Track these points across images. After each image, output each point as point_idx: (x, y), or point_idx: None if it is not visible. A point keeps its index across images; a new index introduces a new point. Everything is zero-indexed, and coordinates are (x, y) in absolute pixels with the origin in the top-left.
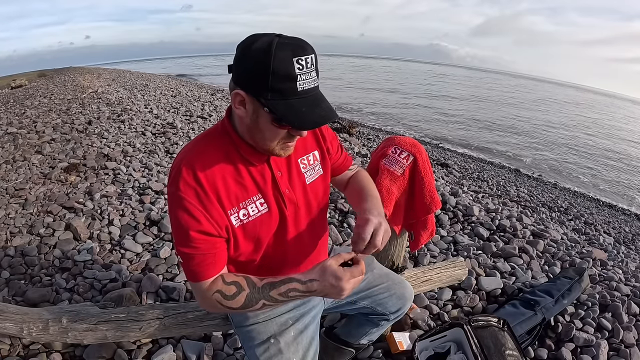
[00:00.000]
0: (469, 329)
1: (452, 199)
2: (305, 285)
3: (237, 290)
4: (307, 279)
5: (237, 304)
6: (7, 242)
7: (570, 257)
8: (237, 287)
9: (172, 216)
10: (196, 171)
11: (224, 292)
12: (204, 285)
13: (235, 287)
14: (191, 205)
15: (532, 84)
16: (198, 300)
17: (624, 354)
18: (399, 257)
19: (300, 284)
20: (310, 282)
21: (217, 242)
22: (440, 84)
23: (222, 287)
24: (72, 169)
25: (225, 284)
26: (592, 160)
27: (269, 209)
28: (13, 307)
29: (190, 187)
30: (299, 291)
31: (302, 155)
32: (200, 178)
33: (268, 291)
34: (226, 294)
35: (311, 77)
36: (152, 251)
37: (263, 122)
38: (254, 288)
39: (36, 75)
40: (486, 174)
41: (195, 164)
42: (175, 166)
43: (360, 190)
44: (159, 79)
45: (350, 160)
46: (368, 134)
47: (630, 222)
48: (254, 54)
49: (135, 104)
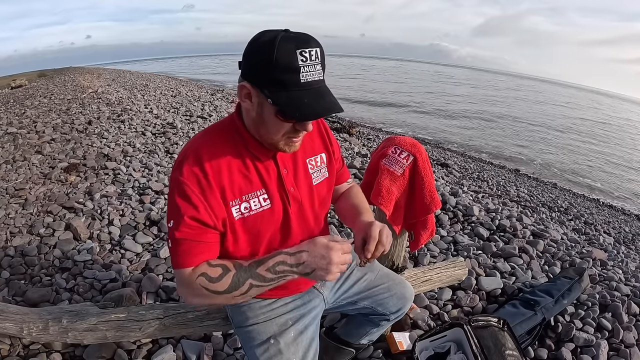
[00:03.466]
0: (469, 329)
1: (452, 199)
2: (293, 256)
3: (222, 271)
4: (295, 250)
5: (222, 286)
6: (7, 242)
7: (570, 257)
8: (223, 268)
9: (171, 200)
10: (202, 160)
11: (208, 274)
12: (188, 271)
13: (221, 268)
14: (191, 191)
15: (554, 86)
16: (180, 290)
17: (624, 354)
18: (399, 257)
19: (288, 256)
20: (299, 252)
21: (211, 233)
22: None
23: (206, 270)
24: (72, 169)
25: (211, 266)
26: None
27: (272, 205)
28: (13, 307)
29: (193, 175)
30: (287, 264)
31: (310, 156)
32: (206, 167)
33: (255, 268)
34: (211, 276)
35: (315, 70)
36: (152, 251)
37: (267, 115)
38: (241, 268)
39: (36, 75)
40: (486, 174)
41: (203, 153)
42: (183, 153)
43: (355, 206)
44: (159, 79)
45: (348, 173)
46: (368, 134)
47: (630, 222)
48: (259, 47)
49: (135, 104)
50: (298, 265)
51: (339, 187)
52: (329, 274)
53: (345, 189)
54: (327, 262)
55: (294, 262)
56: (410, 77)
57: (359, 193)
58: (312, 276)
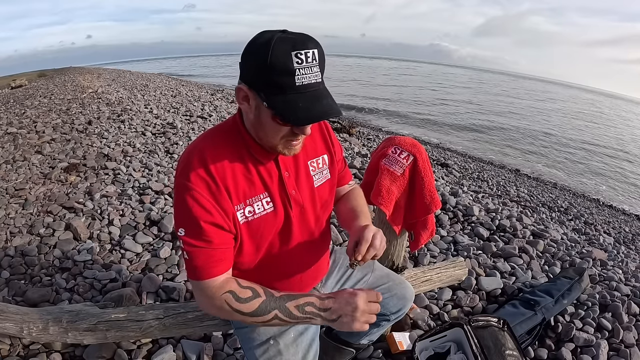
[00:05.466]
0: (469, 329)
1: (452, 199)
2: (322, 301)
3: (252, 295)
4: (324, 296)
5: (249, 308)
6: (7, 242)
7: (570, 257)
8: (253, 292)
9: (181, 207)
10: (207, 163)
11: (237, 294)
12: (213, 283)
13: (251, 291)
14: (202, 197)
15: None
16: (200, 300)
17: (624, 354)
18: (399, 257)
19: (318, 300)
20: (327, 298)
21: (228, 237)
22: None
23: (235, 289)
24: (72, 169)
25: (240, 287)
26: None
27: (275, 209)
28: (13, 307)
29: (201, 179)
30: (315, 307)
31: (312, 158)
32: (212, 170)
33: (285, 302)
34: (239, 296)
35: (312, 72)
36: (152, 251)
37: (265, 118)
38: (271, 297)
39: (36, 75)
40: (486, 174)
41: (207, 156)
42: (185, 158)
43: (353, 209)
44: (159, 79)
45: (350, 175)
46: (368, 134)
47: (630, 222)
48: (255, 49)
49: (135, 104)
50: (325, 310)
51: (340, 190)
52: (355, 322)
53: (345, 192)
54: (352, 308)
55: (321, 306)
56: (412, 79)
57: (359, 196)
58: (338, 324)
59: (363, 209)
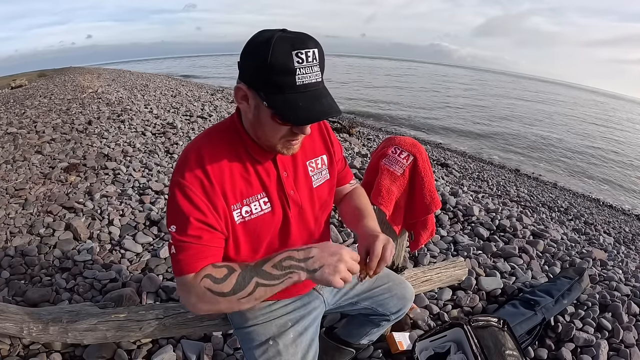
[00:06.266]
0: (469, 329)
1: (452, 199)
2: (302, 251)
3: (227, 271)
4: (305, 246)
5: (227, 287)
6: (7, 242)
7: (570, 257)
8: (228, 268)
9: (173, 204)
10: (204, 162)
11: (213, 275)
12: (192, 275)
13: (226, 269)
14: (195, 195)
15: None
16: (182, 296)
17: (624, 354)
18: (399, 257)
19: (296, 252)
20: (308, 248)
21: (217, 236)
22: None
23: (211, 271)
24: (72, 169)
25: (215, 267)
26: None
27: (272, 209)
28: (13, 307)
29: (196, 177)
30: (294, 259)
31: (310, 158)
32: (208, 169)
33: (261, 266)
34: (216, 277)
35: (312, 71)
36: (152, 251)
37: (264, 117)
38: (246, 267)
39: (36, 75)
40: (486, 174)
41: (204, 155)
42: (184, 155)
43: (358, 208)
44: (159, 79)
45: (351, 174)
46: (368, 134)
47: (630, 222)
48: (254, 48)
49: (135, 104)
50: (306, 259)
51: (342, 189)
52: (336, 273)
53: (348, 191)
54: (337, 258)
55: (302, 256)
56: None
57: (362, 195)
58: (319, 274)
59: (367, 208)
